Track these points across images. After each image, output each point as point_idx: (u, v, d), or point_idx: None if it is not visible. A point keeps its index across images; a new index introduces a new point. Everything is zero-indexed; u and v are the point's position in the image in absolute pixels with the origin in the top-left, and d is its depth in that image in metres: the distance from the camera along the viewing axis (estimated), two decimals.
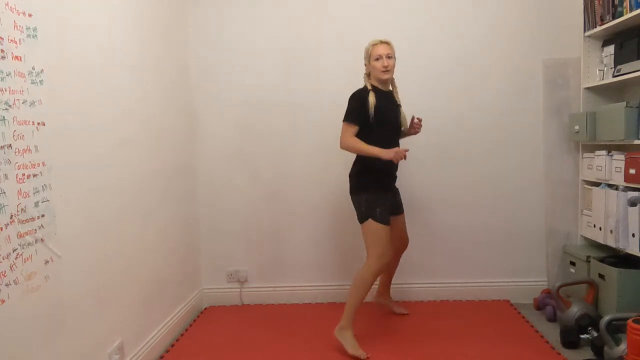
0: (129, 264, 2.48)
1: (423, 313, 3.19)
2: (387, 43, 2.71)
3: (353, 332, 2.68)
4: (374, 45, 2.71)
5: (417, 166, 3.29)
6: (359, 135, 2.65)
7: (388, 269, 3.03)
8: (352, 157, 2.78)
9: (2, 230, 1.57)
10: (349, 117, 2.66)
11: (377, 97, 2.66)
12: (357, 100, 2.67)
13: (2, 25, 1.60)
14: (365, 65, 2.77)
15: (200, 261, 3.55)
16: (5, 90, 1.61)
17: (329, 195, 3.45)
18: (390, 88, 2.82)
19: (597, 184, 2.98)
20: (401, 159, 2.59)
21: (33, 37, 1.76)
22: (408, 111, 2.91)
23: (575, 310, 2.70)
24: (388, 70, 2.69)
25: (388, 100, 2.75)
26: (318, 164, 3.42)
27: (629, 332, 2.14)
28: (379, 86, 2.74)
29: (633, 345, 2.13)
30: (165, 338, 2.87)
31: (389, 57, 2.69)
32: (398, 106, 2.83)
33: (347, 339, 2.66)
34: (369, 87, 2.71)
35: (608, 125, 2.79)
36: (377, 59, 2.68)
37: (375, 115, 2.64)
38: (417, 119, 2.82)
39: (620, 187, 2.74)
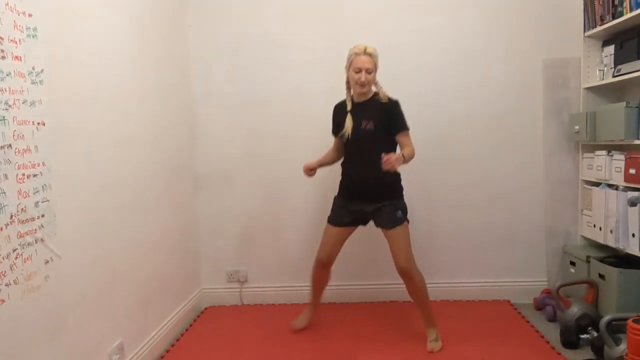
0: (129, 263, 2.48)
1: None
2: (369, 55, 2.58)
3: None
4: (357, 55, 2.59)
5: (416, 166, 3.28)
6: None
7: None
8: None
9: (2, 230, 1.57)
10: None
11: (343, 113, 2.75)
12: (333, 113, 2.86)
13: (2, 25, 1.60)
14: (345, 68, 2.69)
15: (200, 261, 3.54)
16: (5, 90, 1.61)
17: (329, 195, 3.44)
18: (370, 95, 2.70)
19: (597, 184, 2.98)
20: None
21: (33, 37, 1.76)
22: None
23: (575, 310, 2.70)
24: (364, 85, 2.61)
25: (358, 112, 2.70)
26: None
27: (629, 332, 2.14)
28: (356, 96, 2.72)
29: (633, 345, 2.13)
30: (165, 338, 2.87)
31: (368, 72, 2.58)
32: (372, 114, 2.66)
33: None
34: (347, 100, 2.76)
35: (608, 125, 2.79)
36: (356, 72, 2.61)
37: (337, 132, 2.80)
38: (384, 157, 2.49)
39: (620, 187, 2.74)
